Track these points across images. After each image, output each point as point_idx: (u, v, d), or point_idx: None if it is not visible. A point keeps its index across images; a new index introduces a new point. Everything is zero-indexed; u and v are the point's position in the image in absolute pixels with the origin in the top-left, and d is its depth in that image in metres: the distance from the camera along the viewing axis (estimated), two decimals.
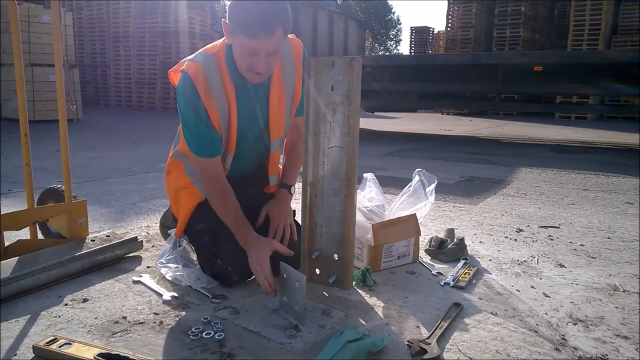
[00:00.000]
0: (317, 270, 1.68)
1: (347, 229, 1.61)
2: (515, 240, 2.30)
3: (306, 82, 1.59)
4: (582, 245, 2.24)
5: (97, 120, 9.10)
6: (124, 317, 1.42)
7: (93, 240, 1.90)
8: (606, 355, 1.28)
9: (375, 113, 10.97)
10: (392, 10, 49.88)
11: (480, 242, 2.26)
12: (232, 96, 1.60)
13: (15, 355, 1.22)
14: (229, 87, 1.59)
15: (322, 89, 1.56)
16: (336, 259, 1.64)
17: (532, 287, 1.72)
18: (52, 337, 1.25)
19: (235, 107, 1.62)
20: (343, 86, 1.53)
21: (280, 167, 1.88)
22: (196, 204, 1.73)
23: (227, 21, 1.49)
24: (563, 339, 1.36)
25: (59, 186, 2.17)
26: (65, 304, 1.51)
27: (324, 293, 1.62)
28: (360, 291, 1.65)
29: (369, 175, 2.10)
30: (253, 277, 1.71)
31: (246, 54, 1.47)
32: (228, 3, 1.50)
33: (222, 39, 1.62)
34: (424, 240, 2.10)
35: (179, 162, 1.80)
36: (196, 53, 1.63)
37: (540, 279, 1.81)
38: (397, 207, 1.99)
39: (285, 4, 1.47)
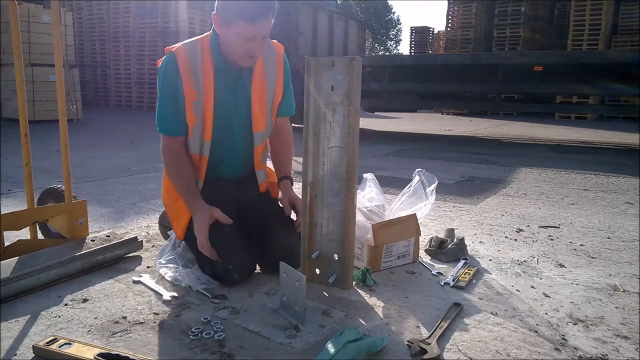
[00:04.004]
0: (317, 270, 1.68)
1: (347, 229, 1.61)
2: (515, 240, 2.30)
3: (306, 82, 1.59)
4: (582, 245, 2.24)
5: (97, 120, 9.10)
6: (124, 317, 1.42)
7: (93, 240, 1.90)
8: (606, 355, 1.28)
9: (375, 113, 10.98)
10: (392, 10, 49.91)
11: (480, 242, 2.26)
12: (210, 78, 1.68)
13: (15, 355, 1.23)
14: (209, 69, 1.68)
15: (322, 89, 1.57)
16: (336, 259, 1.64)
17: (532, 287, 1.72)
18: (52, 337, 1.25)
19: (212, 90, 1.69)
20: (343, 86, 1.53)
21: (265, 165, 1.93)
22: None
23: (217, 13, 1.60)
24: (563, 339, 1.36)
25: (59, 186, 2.17)
26: (65, 304, 1.51)
27: (324, 293, 1.62)
28: (360, 291, 1.65)
29: (369, 175, 2.10)
30: (252, 276, 1.72)
31: (244, 40, 1.59)
32: None
33: (208, 32, 1.71)
34: (424, 240, 2.10)
35: None
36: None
37: (540, 279, 1.81)
38: (397, 207, 1.99)
39: None
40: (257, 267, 1.76)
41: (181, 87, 1.65)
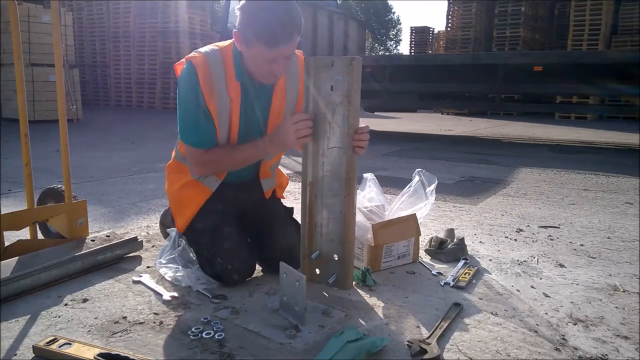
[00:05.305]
0: (317, 270, 1.68)
1: (347, 229, 1.61)
2: (515, 240, 2.30)
3: (305, 81, 1.59)
4: (582, 245, 2.24)
5: (97, 120, 9.10)
6: (124, 317, 1.42)
7: (93, 240, 1.90)
8: (606, 355, 1.28)
9: (375, 113, 10.97)
10: (392, 10, 49.87)
11: (480, 242, 2.26)
12: (237, 93, 1.61)
13: (15, 355, 1.23)
14: (234, 83, 1.60)
15: (321, 89, 1.56)
16: (336, 259, 1.64)
17: (532, 287, 1.72)
18: (52, 337, 1.25)
19: (239, 105, 1.62)
20: (343, 86, 1.52)
21: (273, 173, 1.87)
22: (205, 200, 1.73)
23: (238, 32, 1.49)
24: (563, 339, 1.36)
25: (59, 186, 2.17)
26: (65, 304, 1.51)
27: (324, 293, 1.62)
28: (360, 291, 1.65)
29: (369, 175, 2.10)
30: (253, 276, 1.72)
31: (265, 62, 1.49)
32: (238, 12, 1.48)
33: (231, 40, 1.60)
34: (424, 240, 2.10)
35: (181, 165, 1.79)
36: (205, 47, 1.63)
37: (540, 279, 1.81)
38: (397, 207, 1.99)
39: (297, 7, 1.50)
40: (258, 268, 1.76)
41: (203, 99, 1.56)
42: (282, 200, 1.97)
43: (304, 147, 1.63)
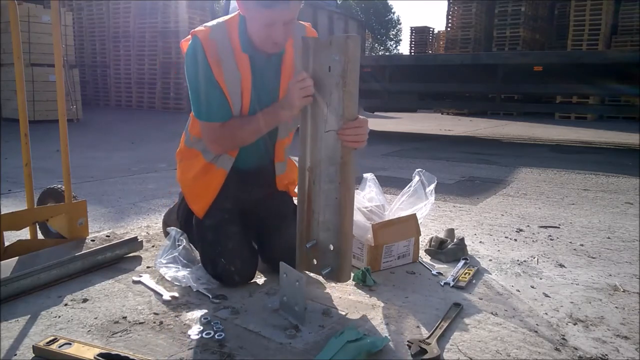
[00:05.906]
0: (315, 261, 1.62)
1: (343, 218, 1.53)
2: (515, 240, 2.30)
3: (304, 62, 1.52)
4: (582, 245, 2.24)
5: (97, 120, 9.09)
6: (124, 317, 1.42)
7: (93, 240, 1.90)
8: (606, 355, 1.28)
9: (375, 113, 10.97)
10: (392, 10, 49.86)
11: (480, 242, 2.26)
12: (247, 66, 1.58)
13: (15, 355, 1.23)
14: (242, 56, 1.56)
15: (320, 71, 1.49)
16: (332, 249, 1.57)
17: (532, 287, 1.72)
18: (52, 337, 1.25)
19: (249, 79, 1.59)
20: (339, 66, 1.44)
21: (287, 157, 1.84)
22: (224, 181, 1.70)
23: None
24: (563, 339, 1.36)
25: (59, 186, 2.17)
26: (65, 304, 1.51)
27: (324, 293, 1.62)
28: (360, 291, 1.65)
29: (369, 175, 2.10)
30: (254, 279, 1.72)
31: (263, 25, 1.47)
32: None
33: (237, 12, 1.59)
34: (424, 240, 2.10)
35: (193, 150, 1.75)
36: (211, 21, 1.61)
37: (540, 279, 1.81)
38: (397, 207, 1.99)
39: None
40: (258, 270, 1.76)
41: (212, 72, 1.54)
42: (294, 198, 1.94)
43: (302, 131, 1.57)
